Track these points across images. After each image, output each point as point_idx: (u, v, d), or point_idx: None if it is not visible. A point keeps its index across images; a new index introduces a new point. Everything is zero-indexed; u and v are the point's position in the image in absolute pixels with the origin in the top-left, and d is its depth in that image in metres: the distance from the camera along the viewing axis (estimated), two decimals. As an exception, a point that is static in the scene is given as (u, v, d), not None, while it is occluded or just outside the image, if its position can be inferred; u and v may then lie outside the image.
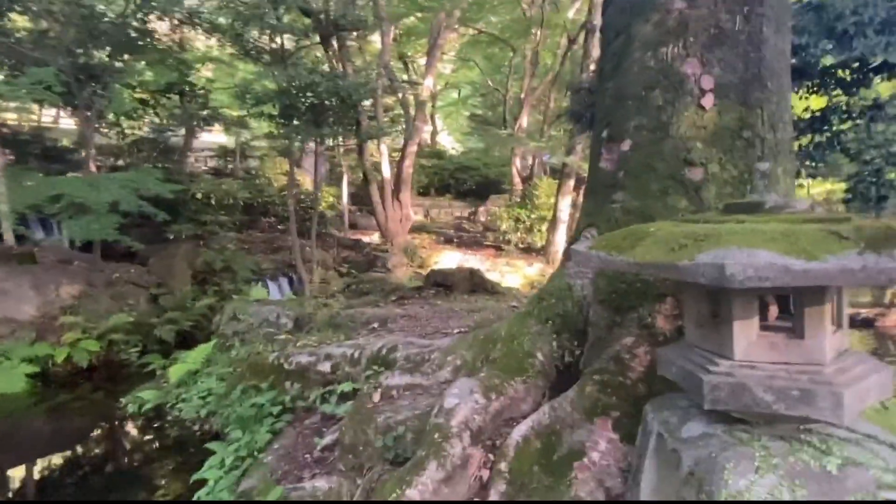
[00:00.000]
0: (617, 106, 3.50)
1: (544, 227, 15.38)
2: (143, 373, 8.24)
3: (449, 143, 36.83)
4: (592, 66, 13.08)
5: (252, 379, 5.63)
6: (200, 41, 25.29)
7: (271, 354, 5.63)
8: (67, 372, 8.64)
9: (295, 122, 9.45)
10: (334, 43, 12.08)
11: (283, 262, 13.67)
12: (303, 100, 9.46)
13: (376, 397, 3.98)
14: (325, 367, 5.19)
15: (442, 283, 8.57)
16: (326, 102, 9.70)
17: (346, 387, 4.70)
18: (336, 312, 7.25)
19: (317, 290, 10.22)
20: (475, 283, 8.46)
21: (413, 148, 14.84)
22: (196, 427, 5.63)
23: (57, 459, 5.74)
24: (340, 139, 11.82)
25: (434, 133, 30.03)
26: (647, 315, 3.17)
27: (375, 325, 6.94)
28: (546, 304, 3.81)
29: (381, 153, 14.59)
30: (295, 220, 10.45)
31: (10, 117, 16.81)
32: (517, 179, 16.99)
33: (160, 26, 15.08)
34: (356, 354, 5.01)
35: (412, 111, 15.08)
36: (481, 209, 20.94)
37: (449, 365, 4.08)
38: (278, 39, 9.93)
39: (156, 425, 6.05)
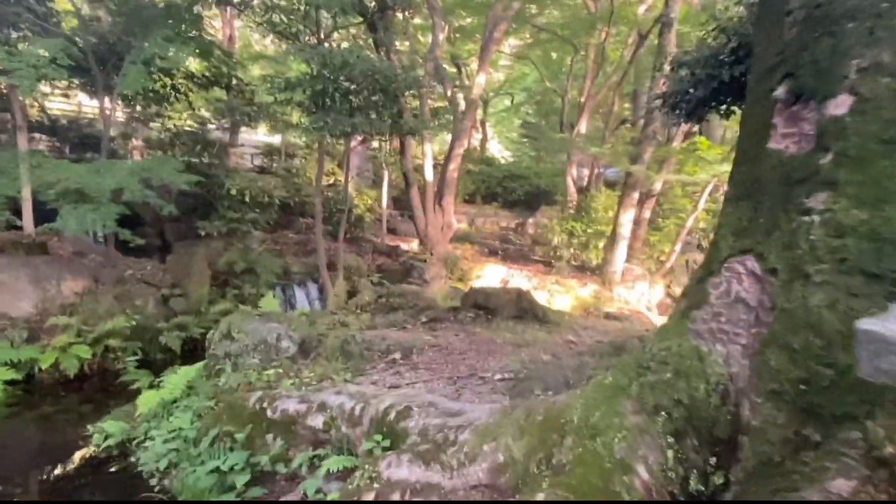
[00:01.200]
0: (814, 38, 1.91)
1: (601, 244, 13.63)
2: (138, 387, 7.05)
3: (498, 151, 35.38)
4: (667, 68, 11.14)
5: (229, 423, 4.25)
6: (256, 42, 24.77)
7: (253, 395, 4.23)
8: (55, 380, 7.54)
9: (326, 111, 8.15)
10: (380, 29, 10.80)
11: (315, 267, 12.46)
12: (336, 85, 8.16)
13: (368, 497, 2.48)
14: (317, 421, 3.74)
15: (483, 304, 7.04)
16: (365, 91, 8.39)
17: (337, 464, 3.23)
18: (351, 336, 5.82)
19: (342, 301, 8.86)
20: (522, 308, 6.88)
21: (460, 150, 13.39)
22: (154, 482, 4.26)
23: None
24: (382, 137, 10.50)
25: (484, 140, 28.60)
26: (883, 438, 1.57)
27: (396, 356, 5.47)
28: (655, 380, 2.23)
29: (426, 154, 13.19)
30: (321, 220, 9.14)
31: (57, 107, 16.38)
32: (572, 190, 15.29)
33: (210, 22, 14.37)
34: (357, 410, 3.54)
35: (461, 110, 13.66)
36: (530, 221, 19.28)
37: (485, 458, 2.55)
38: (314, 17, 8.67)
39: (111, 470, 4.73)
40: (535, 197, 22.58)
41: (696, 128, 12.83)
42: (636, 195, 12.33)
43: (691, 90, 4.22)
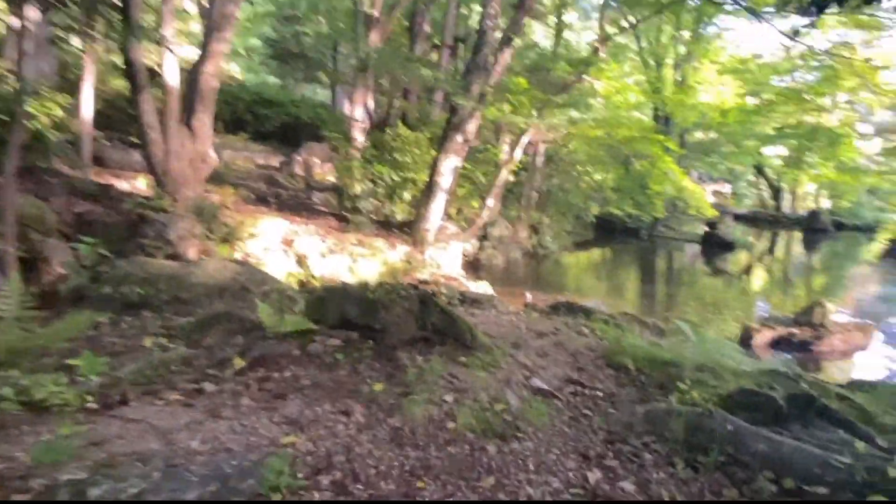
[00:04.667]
0: None
1: (406, 195, 10.84)
2: None
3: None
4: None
5: None
6: None
7: None
8: None
9: None
10: None
11: (-55, 217, 6.69)
12: None
13: None
14: None
15: (358, 321, 3.58)
16: None
17: None
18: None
19: (16, 306, 4.18)
20: (433, 325, 3.69)
21: (221, 45, 8.74)
22: None
23: None
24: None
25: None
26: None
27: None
28: None
29: (164, 47, 8.20)
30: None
31: None
32: (362, 123, 11.94)
33: None
34: None
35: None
36: (297, 159, 15.18)
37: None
38: None
39: None
40: (293, 130, 18.36)
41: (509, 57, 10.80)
42: (460, 138, 9.78)
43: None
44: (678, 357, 3.98)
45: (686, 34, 22.39)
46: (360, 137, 12.24)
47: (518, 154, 11.03)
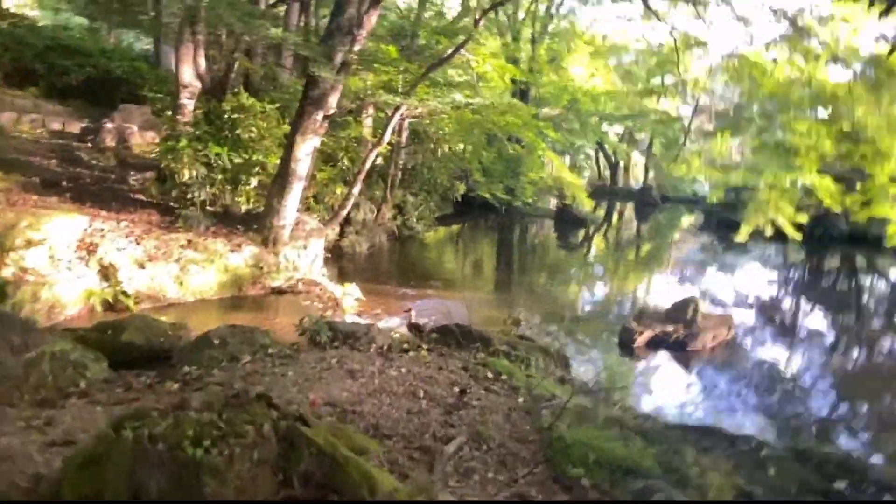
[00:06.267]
0: None
1: (253, 180, 8.71)
2: None
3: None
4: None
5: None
6: None
7: None
8: None
9: None
10: None
11: None
12: None
13: None
14: None
15: (165, 499, 1.97)
16: None
17: None
18: None
19: None
20: (299, 473, 2.20)
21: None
22: None
23: None
24: None
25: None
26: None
27: None
28: None
29: None
30: None
31: None
32: (191, 85, 9.36)
33: None
34: None
35: None
36: (108, 125, 11.85)
37: None
38: None
39: None
40: (104, 88, 14.70)
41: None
42: (320, 115, 7.93)
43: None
44: (634, 459, 3.00)
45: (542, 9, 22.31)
46: (189, 105, 9.72)
47: (388, 136, 9.51)
